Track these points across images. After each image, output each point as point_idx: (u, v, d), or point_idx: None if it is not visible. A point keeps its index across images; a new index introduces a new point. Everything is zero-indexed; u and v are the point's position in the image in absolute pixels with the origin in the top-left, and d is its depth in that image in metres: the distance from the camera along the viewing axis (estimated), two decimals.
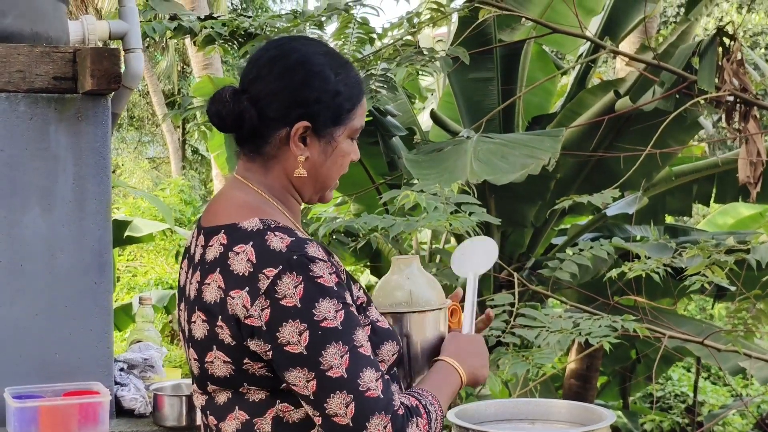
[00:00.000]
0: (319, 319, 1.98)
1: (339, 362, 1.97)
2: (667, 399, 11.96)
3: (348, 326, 2.00)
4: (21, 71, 2.86)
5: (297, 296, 1.98)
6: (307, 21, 6.52)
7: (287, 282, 1.99)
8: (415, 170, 6.33)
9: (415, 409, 2.03)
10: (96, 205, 2.92)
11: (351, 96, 2.18)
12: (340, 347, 1.98)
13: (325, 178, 2.21)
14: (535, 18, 7.08)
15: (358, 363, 1.98)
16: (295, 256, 2.01)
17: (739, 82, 6.37)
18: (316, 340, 1.97)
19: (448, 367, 2.23)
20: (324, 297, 1.99)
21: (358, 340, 2.01)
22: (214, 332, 2.07)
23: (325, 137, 2.16)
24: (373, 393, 1.97)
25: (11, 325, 2.84)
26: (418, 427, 2.00)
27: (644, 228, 8.07)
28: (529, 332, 5.08)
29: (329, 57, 2.19)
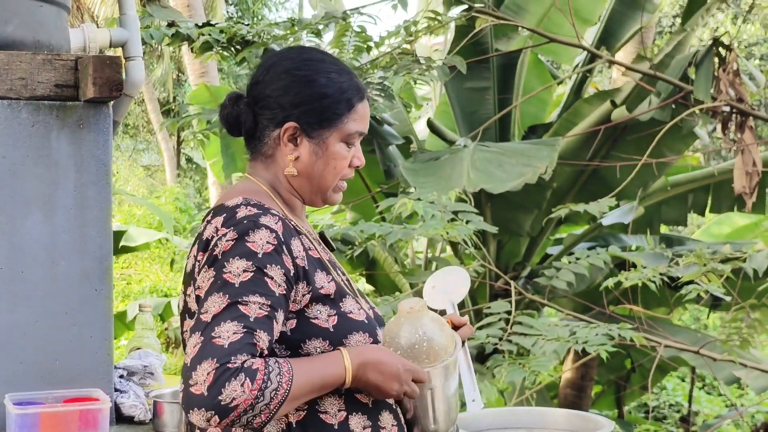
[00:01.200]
0: (225, 271, 2.10)
1: (213, 309, 2.06)
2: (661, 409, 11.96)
3: (245, 287, 2.08)
4: (23, 78, 2.86)
5: (223, 249, 2.12)
6: (304, 29, 6.53)
7: (225, 238, 2.13)
8: (412, 178, 6.35)
9: (252, 371, 2.01)
10: (97, 212, 2.92)
11: (341, 100, 2.29)
12: (223, 298, 2.07)
13: (319, 178, 2.31)
14: (532, 27, 7.10)
15: (227, 314, 2.05)
16: (246, 221, 2.15)
17: (735, 92, 6.40)
18: (212, 286, 2.09)
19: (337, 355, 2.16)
20: (242, 257, 2.10)
21: (246, 300, 2.07)
22: (185, 301, 2.24)
23: (315, 138, 2.29)
24: (218, 341, 2.02)
25: (12, 332, 2.84)
26: (241, 387, 1.99)
27: (640, 237, 8.08)
28: (525, 340, 5.09)
29: (323, 63, 2.31)
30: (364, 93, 2.34)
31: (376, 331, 2.29)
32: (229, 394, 1.98)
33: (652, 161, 6.50)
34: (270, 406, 2.03)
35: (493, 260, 7.36)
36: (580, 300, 7.06)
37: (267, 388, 2.02)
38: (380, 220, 6.54)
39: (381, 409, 2.25)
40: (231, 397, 1.98)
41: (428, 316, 2.33)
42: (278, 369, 2.05)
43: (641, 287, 5.73)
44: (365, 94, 2.34)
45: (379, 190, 7.50)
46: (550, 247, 8.50)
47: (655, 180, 7.61)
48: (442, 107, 8.74)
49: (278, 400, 2.04)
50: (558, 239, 8.67)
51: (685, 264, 5.34)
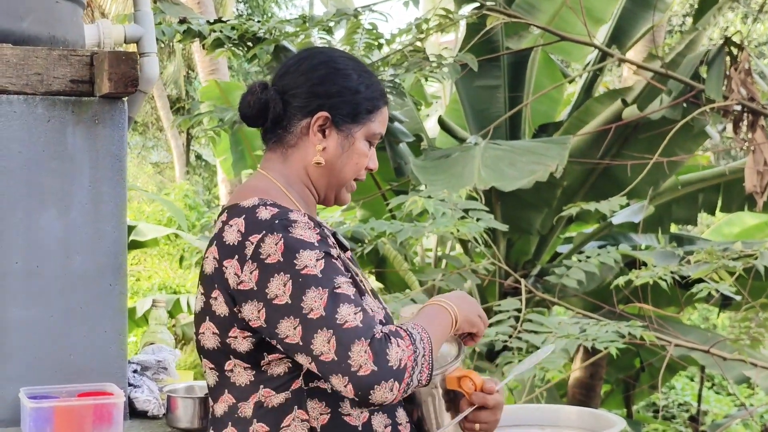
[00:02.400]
0: (299, 267, 2.09)
1: (318, 304, 2.06)
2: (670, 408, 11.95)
3: (327, 272, 2.10)
4: (39, 74, 2.87)
5: (279, 252, 2.10)
6: (315, 26, 6.54)
7: (269, 242, 2.11)
8: (423, 176, 6.35)
9: (395, 332, 2.07)
10: (112, 207, 2.93)
11: (372, 98, 2.32)
12: (320, 291, 2.07)
13: (340, 172, 2.32)
14: (543, 26, 7.10)
15: (335, 301, 2.06)
16: (277, 220, 2.14)
17: (747, 91, 6.39)
18: (298, 287, 2.08)
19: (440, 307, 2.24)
20: (304, 248, 2.11)
21: (338, 282, 2.09)
22: (208, 303, 2.21)
23: (344, 131, 2.30)
24: (350, 324, 2.04)
25: (27, 327, 2.85)
26: (399, 347, 2.04)
27: (650, 237, 8.08)
28: (535, 338, 5.10)
29: (354, 61, 2.36)
30: (387, 99, 2.38)
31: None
32: (395, 357, 2.03)
33: (663, 160, 6.49)
34: (426, 356, 2.08)
35: (503, 258, 7.36)
36: (590, 299, 7.06)
37: (415, 340, 2.08)
38: (390, 218, 6.55)
39: (396, 407, 2.26)
40: (398, 358, 2.03)
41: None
42: (410, 324, 2.12)
43: (651, 287, 5.73)
44: (387, 100, 2.38)
45: (390, 187, 7.51)
46: (560, 246, 8.49)
47: (666, 179, 7.61)
48: (453, 105, 8.74)
49: (428, 348, 2.10)
50: (568, 238, 8.67)
51: (696, 262, 5.34)
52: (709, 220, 12.55)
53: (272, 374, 2.16)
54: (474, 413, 2.30)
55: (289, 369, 2.16)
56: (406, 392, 2.06)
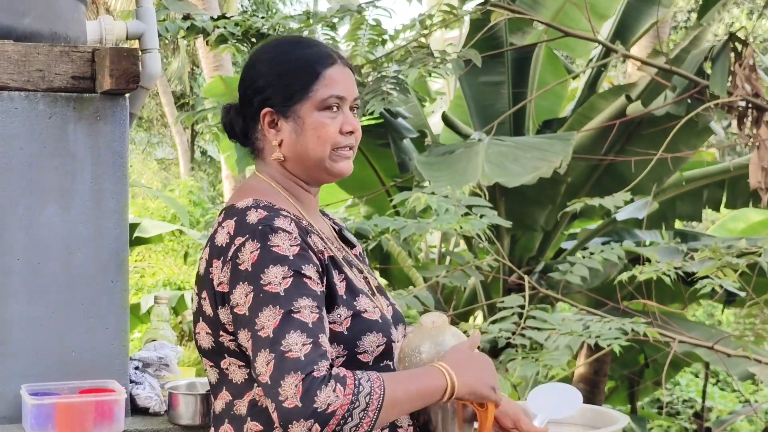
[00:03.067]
0: (264, 283, 2.08)
1: (270, 323, 2.05)
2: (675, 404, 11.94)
3: (291, 293, 2.07)
4: (40, 70, 2.87)
5: (250, 261, 2.11)
6: (319, 22, 6.54)
7: (247, 248, 2.12)
8: (427, 172, 6.34)
9: (341, 377, 2.01)
10: (114, 204, 2.93)
11: (303, 71, 2.28)
12: (276, 310, 2.05)
13: (306, 153, 2.29)
14: (547, 21, 7.09)
15: (287, 325, 2.04)
16: (260, 226, 2.14)
17: (752, 87, 6.37)
18: (257, 302, 2.08)
19: (433, 369, 2.17)
20: (275, 263, 2.09)
21: (298, 306, 2.06)
22: (200, 304, 2.24)
23: (290, 117, 2.28)
24: (292, 354, 2.01)
25: (28, 323, 2.85)
26: (334, 392, 1.99)
27: (654, 233, 8.06)
28: (539, 334, 5.09)
29: (284, 45, 2.34)
30: (335, 59, 2.31)
31: (390, 329, 2.27)
32: (324, 400, 1.98)
33: (667, 156, 6.47)
34: (368, 411, 2.01)
35: (506, 255, 7.35)
36: (594, 295, 7.04)
37: (360, 392, 2.01)
38: (394, 214, 6.55)
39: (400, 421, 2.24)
40: (326, 403, 1.98)
41: (450, 331, 2.31)
42: (367, 376, 2.05)
43: (655, 283, 5.71)
44: (337, 60, 2.31)
45: (393, 183, 7.50)
46: (565, 242, 8.48)
47: (670, 175, 7.59)
48: (457, 101, 8.73)
49: (375, 406, 2.02)
50: (572, 234, 8.66)
51: (700, 259, 5.32)
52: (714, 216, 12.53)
53: None
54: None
55: None
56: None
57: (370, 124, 7.19)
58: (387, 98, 6.07)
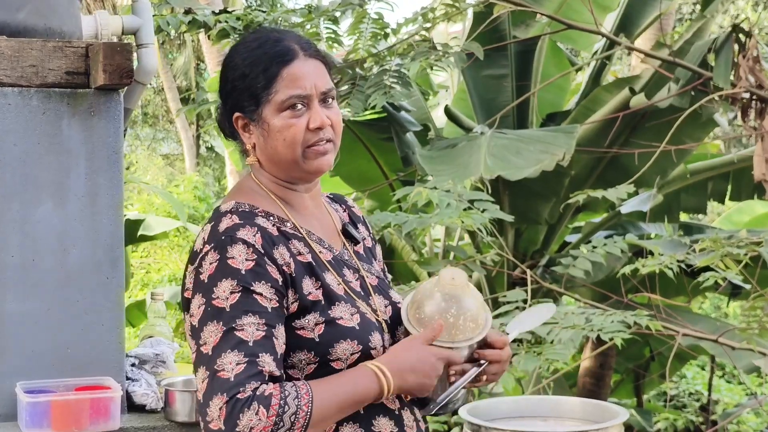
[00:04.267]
0: (214, 296, 2.08)
1: (212, 339, 2.05)
2: (681, 397, 11.91)
3: (236, 309, 2.06)
4: (34, 66, 2.86)
5: (208, 272, 2.11)
6: (321, 16, 6.51)
7: (209, 259, 2.12)
8: (429, 166, 6.32)
9: (265, 398, 1.99)
10: (108, 200, 2.91)
11: (261, 71, 2.21)
12: (218, 326, 2.05)
13: (276, 155, 2.23)
14: (550, 14, 7.05)
15: (225, 344, 2.03)
16: (223, 236, 2.12)
17: (755, 78, 6.34)
18: (205, 315, 2.08)
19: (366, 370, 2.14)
20: (227, 277, 2.08)
21: (241, 324, 2.05)
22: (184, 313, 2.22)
23: (257, 121, 2.24)
24: (223, 374, 2.01)
25: (23, 320, 2.84)
26: (257, 415, 1.98)
27: (658, 226, 8.04)
28: (541, 328, 5.07)
29: (244, 45, 2.27)
30: (296, 53, 2.22)
31: (368, 337, 2.21)
32: (246, 424, 1.97)
33: (671, 148, 6.44)
34: (294, 430, 2.00)
35: (511, 248, 7.33)
36: (598, 289, 7.02)
37: (285, 413, 2.00)
38: (397, 208, 6.53)
39: (374, 415, 2.21)
40: (248, 427, 1.97)
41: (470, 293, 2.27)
42: (295, 392, 2.03)
43: (660, 276, 5.69)
44: (299, 53, 2.22)
45: (397, 177, 7.48)
46: (569, 235, 8.46)
47: (674, 167, 7.56)
48: (460, 95, 8.71)
49: (301, 424, 2.01)
50: (577, 227, 8.64)
51: (701, 250, 5.30)
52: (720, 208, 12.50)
53: None
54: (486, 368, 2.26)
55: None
56: None
57: (373, 118, 7.17)
58: (389, 92, 6.05)
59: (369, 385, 2.12)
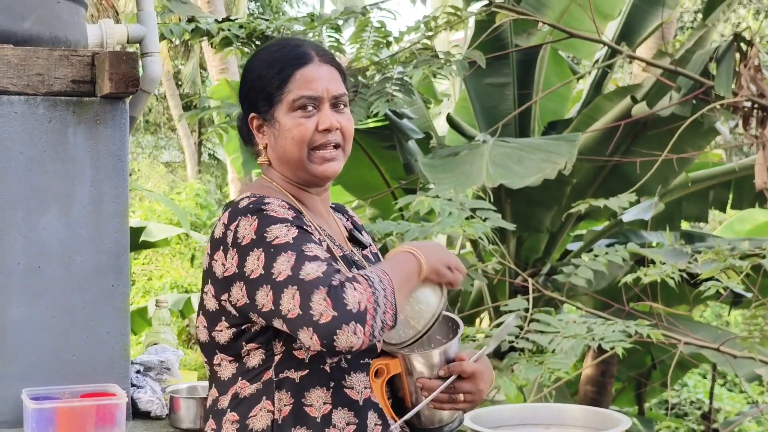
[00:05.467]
0: (270, 239, 2.13)
1: (286, 267, 2.09)
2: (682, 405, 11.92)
3: (299, 240, 2.13)
4: (40, 74, 2.87)
5: (252, 231, 2.15)
6: (323, 24, 6.53)
7: (243, 225, 2.16)
8: (432, 174, 6.33)
9: (352, 278, 2.08)
10: (113, 207, 2.93)
11: (276, 73, 2.30)
12: (289, 255, 2.10)
13: (286, 154, 2.31)
14: (552, 23, 7.08)
15: (302, 261, 2.09)
16: (251, 205, 2.18)
17: (757, 87, 6.35)
18: (270, 257, 2.11)
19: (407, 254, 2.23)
20: (275, 223, 2.15)
21: (308, 248, 2.12)
22: (202, 298, 2.28)
23: (269, 120, 2.31)
24: (311, 276, 2.06)
25: (29, 327, 2.85)
26: (356, 290, 2.04)
27: (660, 234, 8.05)
28: (543, 338, 5.08)
29: (262, 51, 2.37)
30: (312, 57, 2.30)
31: None
32: (353, 300, 2.04)
33: (673, 157, 6.46)
34: (387, 296, 2.08)
35: (513, 256, 7.34)
36: (600, 297, 7.03)
37: (374, 283, 2.08)
38: (399, 217, 6.54)
39: (368, 409, 2.24)
40: (356, 301, 2.04)
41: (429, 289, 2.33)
42: (369, 270, 2.13)
43: (661, 285, 5.70)
44: (314, 57, 2.30)
45: (399, 185, 7.49)
46: (570, 243, 8.47)
47: (676, 176, 7.57)
48: (462, 103, 8.72)
49: (390, 288, 2.10)
50: (578, 235, 8.65)
51: (704, 261, 5.31)
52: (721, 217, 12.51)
53: (249, 366, 2.21)
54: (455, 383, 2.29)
55: (263, 360, 2.20)
56: (373, 335, 2.07)
57: (375, 126, 7.19)
58: (391, 100, 6.06)
59: (414, 265, 2.21)
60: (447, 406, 2.32)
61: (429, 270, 2.24)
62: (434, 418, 2.36)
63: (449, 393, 2.29)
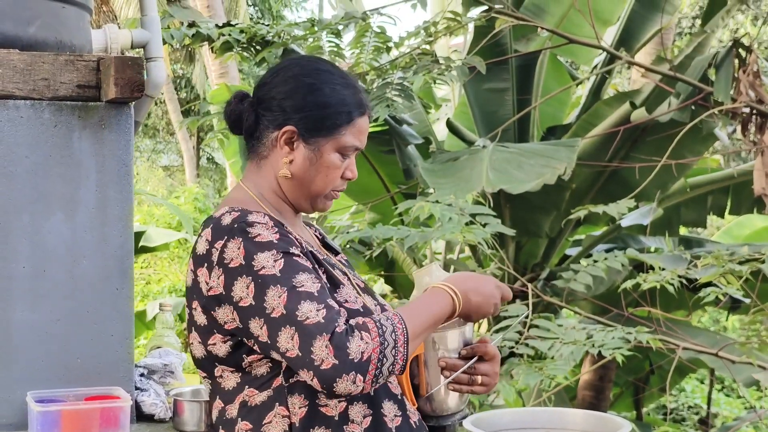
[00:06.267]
0: (258, 268, 2.14)
1: (278, 302, 2.10)
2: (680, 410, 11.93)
3: (287, 271, 2.13)
4: (46, 79, 2.89)
5: (240, 256, 2.16)
6: (324, 29, 6.54)
7: (231, 247, 2.18)
8: (431, 179, 6.35)
9: (361, 325, 2.08)
10: (118, 211, 2.94)
11: (342, 111, 2.32)
12: (279, 289, 2.11)
13: (310, 184, 2.34)
14: (551, 28, 7.09)
15: (295, 299, 2.10)
16: (236, 224, 2.19)
17: (755, 93, 6.38)
18: (259, 288, 2.13)
19: (440, 291, 2.25)
20: (262, 250, 2.15)
21: (298, 281, 2.13)
22: (191, 315, 2.29)
23: (311, 145, 2.32)
24: (311, 321, 2.07)
25: (34, 330, 2.87)
26: (362, 340, 2.06)
27: (659, 239, 8.06)
28: (542, 343, 5.09)
29: (330, 75, 2.36)
30: (366, 109, 2.37)
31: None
32: (356, 350, 2.05)
33: (672, 162, 6.48)
34: (398, 347, 2.10)
35: (511, 261, 7.35)
36: (598, 302, 7.05)
37: (385, 332, 2.09)
38: (399, 222, 6.55)
39: (382, 399, 2.27)
40: (359, 351, 2.05)
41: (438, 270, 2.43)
42: (385, 316, 2.13)
43: (660, 290, 5.72)
44: (367, 110, 2.38)
45: (398, 190, 7.51)
46: (569, 249, 8.48)
47: (675, 181, 7.59)
48: (462, 108, 8.74)
49: (402, 340, 2.11)
50: (577, 240, 8.66)
51: (703, 266, 5.32)
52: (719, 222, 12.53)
53: (255, 374, 2.22)
54: (476, 365, 2.36)
55: (270, 368, 2.22)
56: (376, 383, 2.09)
57: (375, 131, 7.20)
58: (392, 105, 6.08)
59: (445, 304, 2.23)
60: (465, 388, 2.38)
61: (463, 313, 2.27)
62: (443, 406, 2.42)
63: (470, 374, 2.36)
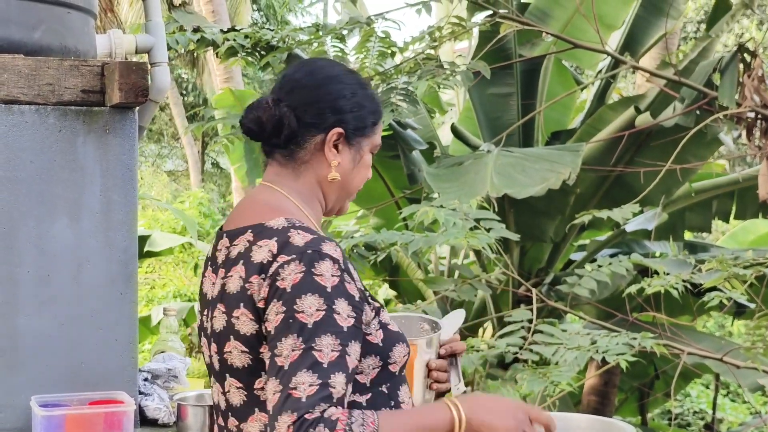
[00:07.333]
0: (297, 309, 2.07)
1: (288, 354, 2.05)
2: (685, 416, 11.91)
3: (318, 328, 2.06)
4: (50, 84, 2.89)
5: (291, 282, 2.09)
6: (328, 34, 6.55)
7: (291, 268, 2.10)
8: (436, 184, 6.35)
9: (332, 422, 1.99)
10: (123, 216, 2.95)
11: (374, 111, 2.35)
12: (298, 342, 2.05)
13: (350, 185, 2.35)
14: (556, 33, 7.10)
15: (302, 362, 2.03)
16: (309, 250, 2.12)
17: (760, 98, 6.37)
18: (285, 326, 2.07)
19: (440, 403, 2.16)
20: (313, 293, 2.08)
21: (319, 344, 2.05)
22: (231, 322, 2.18)
23: (354, 146, 2.32)
24: (295, 393, 2.01)
25: (38, 335, 2.87)
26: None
27: (663, 244, 8.06)
28: (546, 349, 5.09)
29: (354, 75, 2.37)
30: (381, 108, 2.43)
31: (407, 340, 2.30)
32: None
33: (677, 167, 6.47)
34: None
35: (516, 266, 7.35)
36: (603, 307, 7.04)
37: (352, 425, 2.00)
38: (403, 227, 6.56)
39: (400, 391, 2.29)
40: None
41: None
42: (361, 419, 2.02)
43: (665, 295, 5.71)
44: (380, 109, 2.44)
45: (403, 195, 7.51)
46: (574, 253, 8.48)
47: (679, 186, 7.59)
48: (466, 113, 8.74)
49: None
50: (581, 245, 8.65)
51: (708, 270, 5.32)
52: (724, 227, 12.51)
53: None
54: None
55: None
56: None
57: None
58: (396, 110, 6.08)
59: (439, 413, 2.13)
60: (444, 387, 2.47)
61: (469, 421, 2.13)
62: None
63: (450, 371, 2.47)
